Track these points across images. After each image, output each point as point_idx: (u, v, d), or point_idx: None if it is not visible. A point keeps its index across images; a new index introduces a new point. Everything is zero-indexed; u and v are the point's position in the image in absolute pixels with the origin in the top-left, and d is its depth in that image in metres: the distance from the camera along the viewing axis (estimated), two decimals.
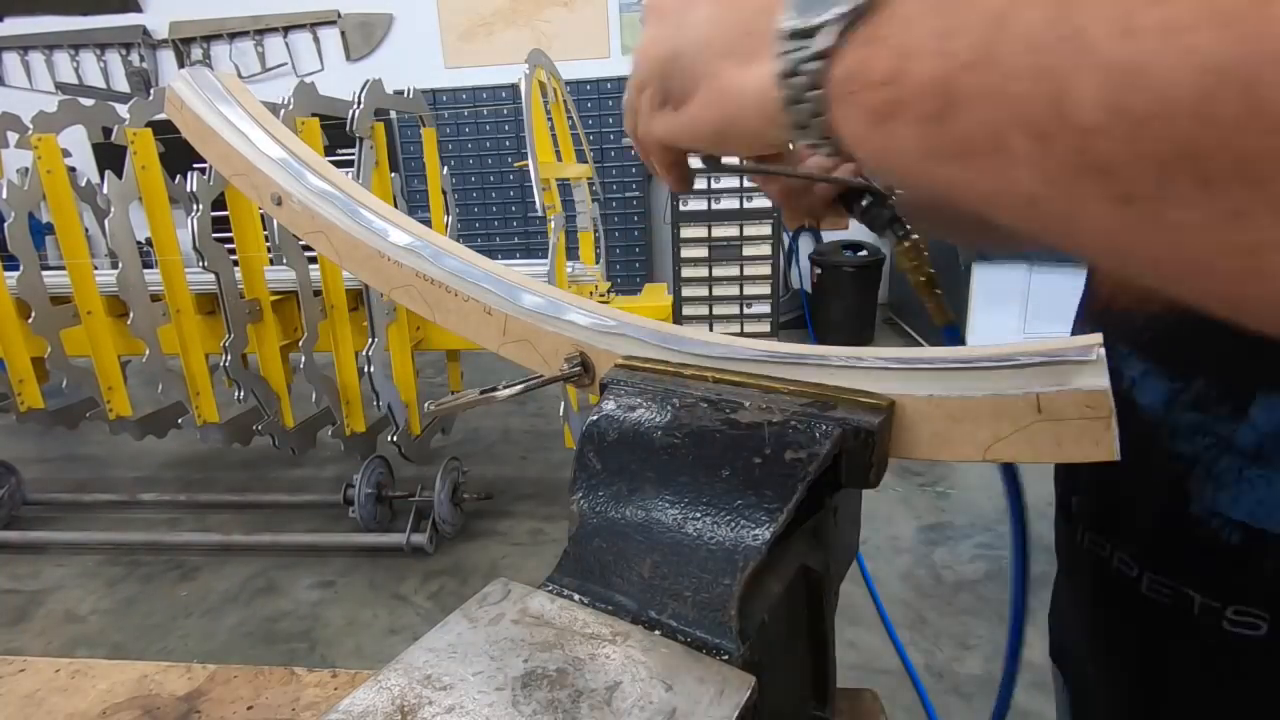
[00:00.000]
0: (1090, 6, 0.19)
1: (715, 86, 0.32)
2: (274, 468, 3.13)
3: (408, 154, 4.95)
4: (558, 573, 0.40)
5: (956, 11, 0.23)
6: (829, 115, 0.27)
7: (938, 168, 0.24)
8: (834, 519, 0.44)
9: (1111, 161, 0.19)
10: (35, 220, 2.46)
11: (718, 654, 0.34)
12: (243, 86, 0.63)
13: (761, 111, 0.30)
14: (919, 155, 0.25)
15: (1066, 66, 0.19)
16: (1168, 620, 0.42)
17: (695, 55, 0.32)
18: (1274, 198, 0.16)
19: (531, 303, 0.52)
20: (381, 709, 0.31)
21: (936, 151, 0.24)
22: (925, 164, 0.25)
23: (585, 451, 0.43)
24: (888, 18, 0.25)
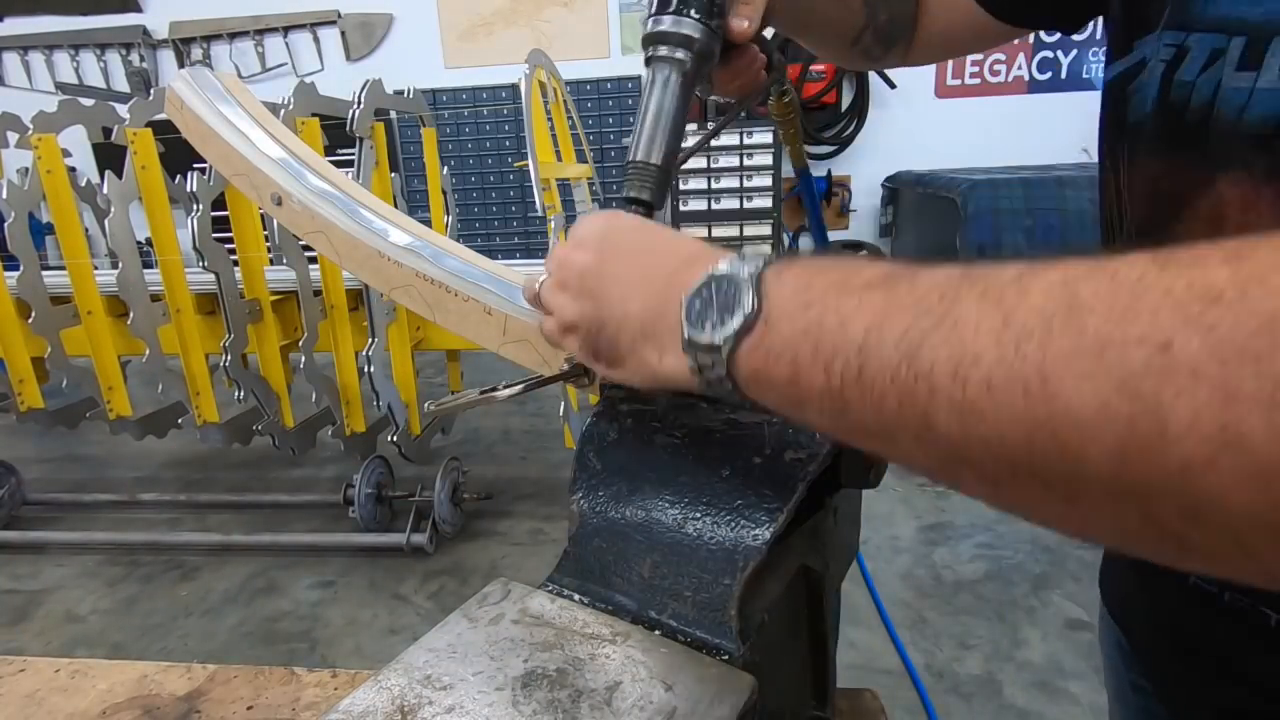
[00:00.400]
0: (929, 353, 0.25)
1: (641, 366, 0.38)
2: (274, 468, 3.13)
3: (408, 154, 4.95)
4: (558, 573, 0.40)
5: (826, 336, 0.29)
6: (747, 393, 0.33)
7: (849, 439, 0.30)
8: (834, 519, 0.44)
9: (975, 462, 0.25)
10: (35, 220, 2.46)
11: (718, 654, 0.34)
12: (243, 87, 0.63)
13: (684, 382, 0.36)
14: (832, 432, 0.31)
15: (923, 399, 0.25)
16: (1244, 627, 0.45)
17: (618, 334, 0.39)
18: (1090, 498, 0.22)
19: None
20: (381, 709, 0.31)
21: (844, 430, 0.30)
22: (838, 436, 0.31)
23: (585, 451, 0.43)
24: (772, 332, 0.31)
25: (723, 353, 0.32)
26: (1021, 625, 1.95)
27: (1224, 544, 0.20)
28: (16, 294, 2.33)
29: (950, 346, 0.25)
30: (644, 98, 0.51)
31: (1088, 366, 0.21)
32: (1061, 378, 0.22)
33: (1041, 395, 0.22)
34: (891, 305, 0.27)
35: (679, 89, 0.50)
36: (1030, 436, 0.23)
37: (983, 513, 2.54)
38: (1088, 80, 4.52)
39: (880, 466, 0.41)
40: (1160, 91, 0.42)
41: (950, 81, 4.66)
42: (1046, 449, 0.22)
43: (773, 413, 0.35)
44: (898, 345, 0.26)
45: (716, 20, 0.50)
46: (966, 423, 0.24)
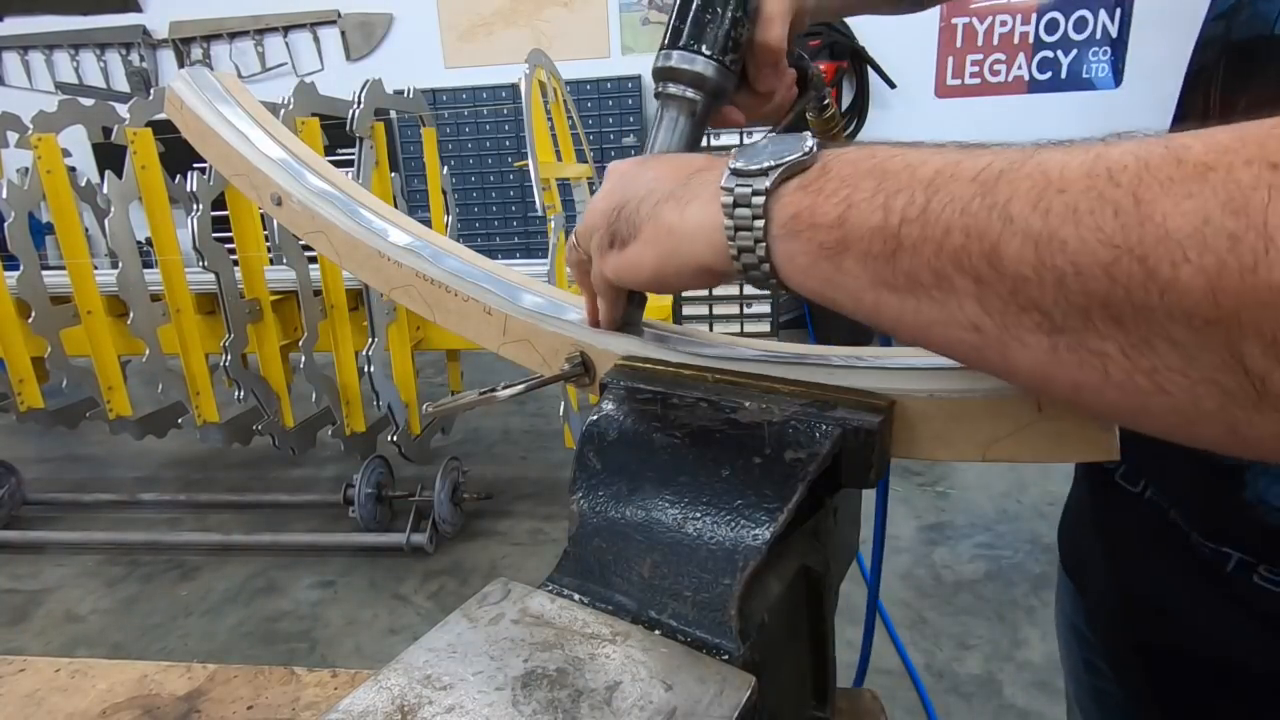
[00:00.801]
0: (1007, 186, 0.24)
1: (657, 225, 0.36)
2: (274, 468, 3.13)
3: (408, 154, 4.95)
4: (558, 572, 0.40)
5: (890, 176, 0.27)
6: (773, 247, 0.31)
7: (886, 296, 0.28)
8: (834, 519, 0.44)
9: (1041, 302, 0.24)
10: (35, 220, 2.46)
11: (718, 654, 0.34)
12: (242, 87, 0.63)
13: (704, 241, 0.33)
14: (868, 285, 0.29)
15: (996, 229, 0.24)
16: (1205, 567, 0.47)
17: (639, 203, 0.37)
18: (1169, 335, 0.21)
19: (531, 303, 0.52)
20: (381, 709, 0.31)
21: (885, 283, 0.28)
22: (873, 293, 0.29)
23: (585, 451, 0.43)
24: (826, 174, 0.29)
25: (770, 178, 0.30)
26: (1021, 625, 1.95)
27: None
28: (16, 294, 2.33)
29: (1033, 179, 0.23)
30: (652, 135, 0.49)
31: (1190, 187, 0.20)
32: (1158, 199, 0.21)
33: (1135, 216, 0.21)
34: (968, 156, 0.26)
35: (688, 130, 0.48)
36: (1114, 263, 0.21)
37: (983, 512, 2.54)
38: (1088, 80, 4.52)
39: (880, 466, 0.41)
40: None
41: (950, 81, 4.66)
42: (1131, 275, 0.21)
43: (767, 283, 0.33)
44: (975, 178, 0.25)
45: (731, 55, 0.46)
46: (1042, 254, 0.23)
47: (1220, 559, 0.46)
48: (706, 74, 0.46)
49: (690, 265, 0.36)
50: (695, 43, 0.46)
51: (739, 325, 4.58)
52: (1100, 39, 4.44)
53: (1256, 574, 0.44)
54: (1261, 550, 0.44)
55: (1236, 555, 0.45)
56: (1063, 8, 4.42)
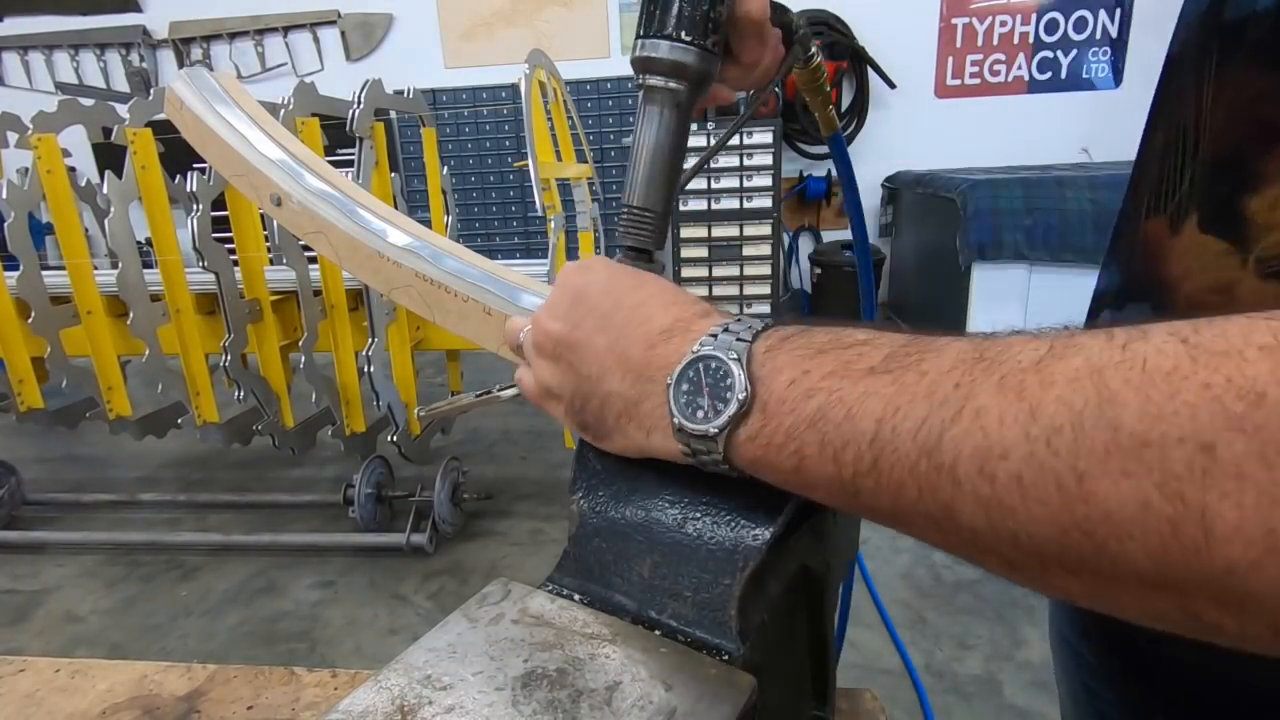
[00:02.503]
0: (951, 446, 0.24)
1: (629, 443, 0.37)
2: (274, 468, 3.13)
3: (408, 154, 4.95)
4: (558, 573, 0.40)
5: (832, 427, 0.28)
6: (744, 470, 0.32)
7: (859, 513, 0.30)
8: (834, 519, 0.44)
9: (999, 550, 0.24)
10: (35, 220, 2.46)
11: (718, 654, 0.34)
12: (241, 87, 0.63)
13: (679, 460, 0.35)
14: (838, 507, 0.31)
15: (947, 491, 0.24)
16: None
17: (603, 410, 0.37)
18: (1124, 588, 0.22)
19: (531, 303, 0.52)
20: (381, 709, 0.31)
21: (854, 512, 0.30)
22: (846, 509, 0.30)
23: (585, 451, 0.43)
24: (769, 421, 0.30)
25: (719, 443, 0.31)
26: (1021, 625, 1.95)
27: (1262, 631, 0.20)
28: (16, 294, 2.33)
29: (974, 440, 0.24)
30: (636, 131, 0.46)
31: (1126, 465, 0.20)
32: (1098, 477, 0.21)
33: (1078, 494, 0.21)
34: (902, 394, 0.26)
35: (674, 122, 0.45)
36: (1064, 533, 0.22)
37: None
38: (1088, 80, 4.53)
39: None
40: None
41: (950, 81, 4.66)
42: (1081, 545, 0.22)
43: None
44: (915, 437, 0.25)
45: (713, 37, 0.43)
46: (994, 517, 0.24)
47: None
48: (687, 62, 0.43)
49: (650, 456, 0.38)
50: (673, 29, 0.43)
51: None
52: (1100, 39, 4.44)
53: None
54: None
55: None
56: (1063, 8, 4.42)
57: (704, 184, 4.43)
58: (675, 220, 4.55)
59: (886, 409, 0.26)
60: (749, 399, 0.30)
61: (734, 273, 4.48)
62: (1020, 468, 0.23)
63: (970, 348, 0.26)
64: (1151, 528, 0.20)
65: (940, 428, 0.25)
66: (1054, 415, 0.22)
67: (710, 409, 0.31)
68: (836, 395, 0.28)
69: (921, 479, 0.25)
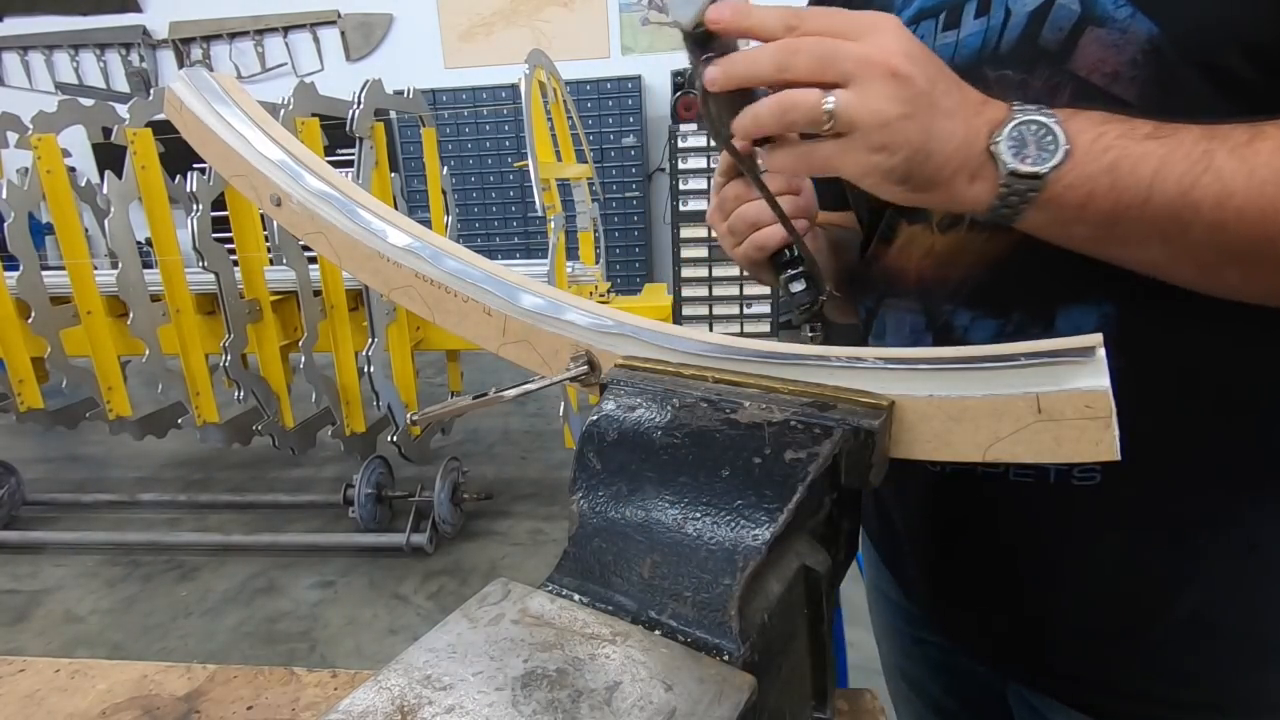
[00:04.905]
0: (1199, 190, 0.38)
1: (948, 192, 0.42)
2: (274, 468, 3.13)
3: (408, 154, 4.95)
4: (558, 573, 0.40)
5: (1120, 175, 0.39)
6: (1025, 214, 0.42)
7: (1096, 245, 0.42)
8: (834, 518, 0.44)
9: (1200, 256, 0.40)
10: (35, 220, 2.46)
11: (718, 654, 0.34)
12: (240, 88, 0.63)
13: (975, 205, 0.43)
14: (1084, 238, 0.42)
15: (1188, 216, 0.39)
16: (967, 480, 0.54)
17: (943, 164, 0.42)
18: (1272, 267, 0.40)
19: (531, 303, 0.52)
20: (381, 709, 0.31)
21: (1098, 239, 0.42)
22: (1086, 242, 0.43)
23: (585, 451, 0.43)
24: (1075, 171, 0.40)
25: (1044, 180, 0.40)
26: None
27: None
28: (16, 294, 2.33)
29: (1215, 185, 0.38)
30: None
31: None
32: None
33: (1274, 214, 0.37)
34: (1170, 155, 0.39)
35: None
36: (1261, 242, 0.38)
37: None
38: None
39: (880, 466, 0.41)
40: None
41: None
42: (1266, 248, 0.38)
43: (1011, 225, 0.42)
44: (1178, 183, 0.38)
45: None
46: (1214, 234, 0.39)
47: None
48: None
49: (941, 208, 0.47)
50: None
51: (739, 325, 4.58)
52: None
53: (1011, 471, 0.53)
54: None
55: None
56: None
57: (704, 184, 4.44)
58: (675, 220, 4.55)
59: (1159, 164, 0.39)
60: (1069, 152, 0.40)
61: (734, 273, 4.48)
62: (1241, 202, 0.38)
63: (1203, 129, 0.39)
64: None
65: (1195, 177, 0.38)
66: (1264, 171, 0.37)
67: (1036, 158, 0.40)
68: (1125, 153, 0.39)
69: (1175, 212, 0.39)
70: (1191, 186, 0.38)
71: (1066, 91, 0.46)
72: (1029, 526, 0.53)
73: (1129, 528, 0.50)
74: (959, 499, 0.56)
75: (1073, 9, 0.45)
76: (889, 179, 0.41)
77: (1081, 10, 0.45)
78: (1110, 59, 0.44)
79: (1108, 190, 0.39)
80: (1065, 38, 0.45)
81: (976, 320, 0.52)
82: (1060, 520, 0.51)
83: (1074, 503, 0.50)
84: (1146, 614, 0.50)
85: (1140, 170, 0.39)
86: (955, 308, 0.53)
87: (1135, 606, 0.50)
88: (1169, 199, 0.38)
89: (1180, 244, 0.40)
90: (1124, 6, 0.43)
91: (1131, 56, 0.43)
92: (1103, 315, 0.47)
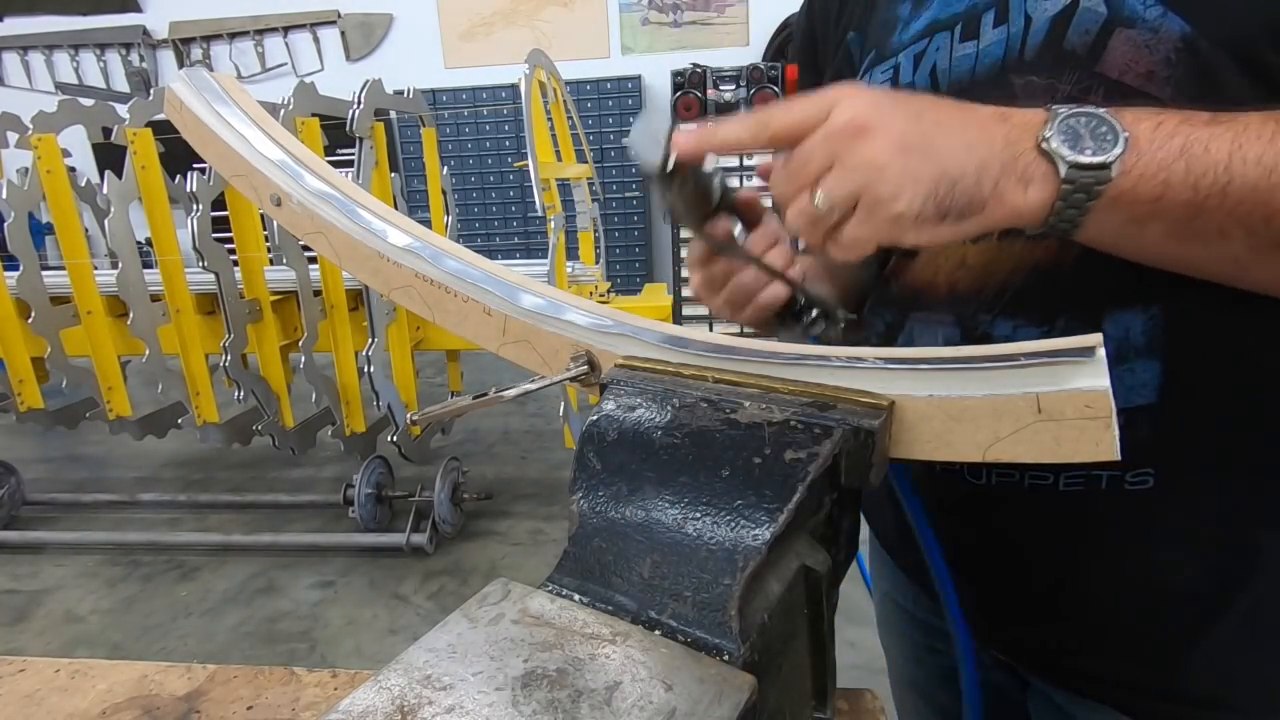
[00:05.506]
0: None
1: (1002, 204, 0.39)
2: (274, 468, 3.13)
3: (408, 154, 4.95)
4: (558, 573, 0.40)
5: (1194, 159, 0.37)
6: (1091, 216, 0.39)
7: (1172, 246, 0.40)
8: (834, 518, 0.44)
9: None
10: (35, 220, 2.46)
11: (718, 654, 0.34)
12: (240, 88, 0.63)
13: (1036, 214, 0.39)
14: (1160, 238, 0.39)
15: (1274, 202, 0.36)
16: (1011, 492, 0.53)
17: (979, 180, 0.39)
18: None
19: (531, 303, 0.52)
20: (381, 709, 0.31)
21: (1176, 237, 0.39)
22: (1163, 243, 0.40)
23: (585, 451, 0.43)
24: (1141, 157, 0.37)
25: (1113, 170, 0.37)
26: None
27: None
28: (16, 294, 2.33)
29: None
30: None
31: None
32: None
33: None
34: (1239, 137, 0.37)
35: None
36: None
37: None
38: None
39: (880, 466, 0.41)
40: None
41: None
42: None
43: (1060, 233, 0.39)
44: (1260, 162, 0.36)
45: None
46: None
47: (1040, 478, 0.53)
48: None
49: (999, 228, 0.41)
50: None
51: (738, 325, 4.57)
52: None
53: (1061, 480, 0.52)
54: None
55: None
56: None
57: None
58: (676, 220, 4.54)
59: (1233, 145, 0.36)
60: (1130, 137, 0.37)
61: None
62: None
63: (1265, 113, 0.37)
64: None
65: (1274, 155, 0.36)
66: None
67: (1096, 148, 0.37)
68: (1194, 137, 0.37)
69: (1260, 195, 0.36)
70: (1275, 166, 0.36)
71: (1099, 94, 0.44)
72: (1082, 534, 0.52)
73: (1186, 529, 0.49)
74: (1005, 510, 0.55)
75: (1099, 11, 0.44)
76: (928, 222, 0.39)
77: (1109, 12, 0.44)
78: (1143, 59, 0.43)
79: (1183, 177, 0.37)
80: (1093, 40, 0.44)
81: (1019, 330, 0.50)
82: (1117, 526, 0.50)
83: (1130, 508, 0.49)
84: (1205, 615, 0.49)
85: (1214, 152, 0.36)
86: (994, 317, 0.51)
87: (1195, 608, 0.49)
88: (1251, 182, 0.36)
89: (1265, 234, 0.37)
90: (1154, 6, 0.42)
91: (1165, 55, 0.42)
92: (1151, 318, 0.45)
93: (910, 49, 0.53)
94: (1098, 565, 0.52)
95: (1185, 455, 0.48)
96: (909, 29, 0.54)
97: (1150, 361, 0.46)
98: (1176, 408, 0.46)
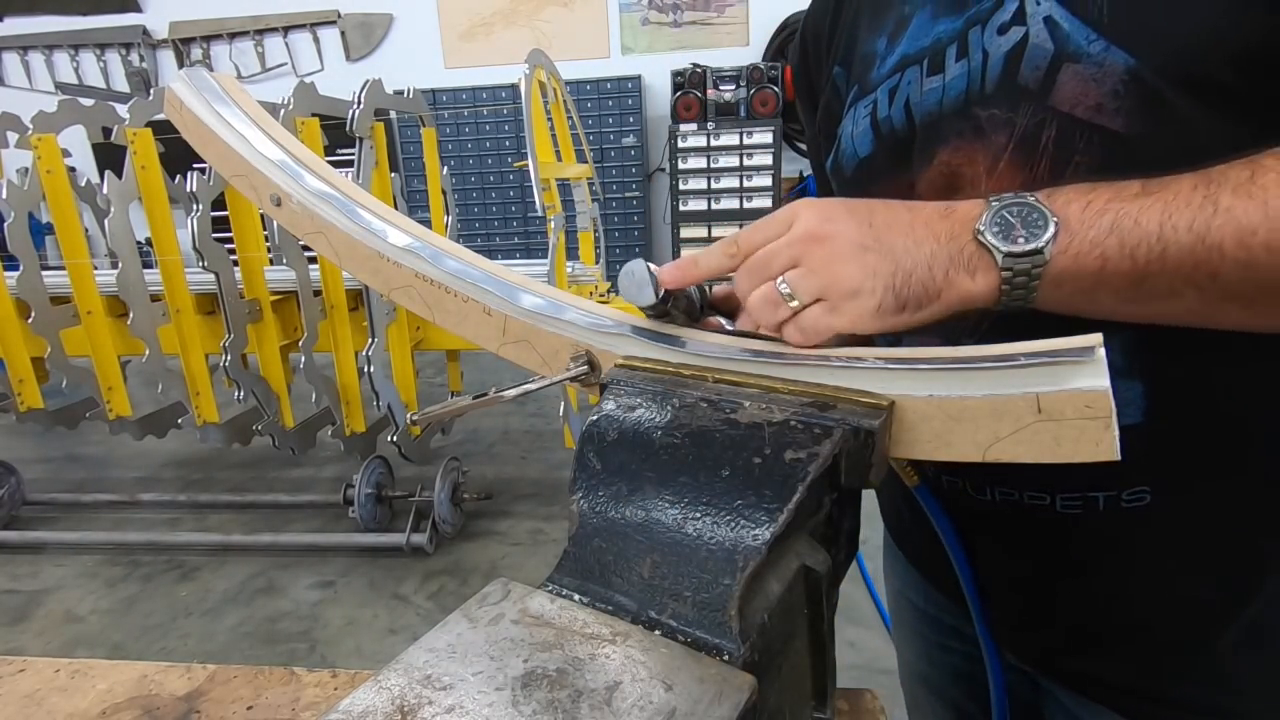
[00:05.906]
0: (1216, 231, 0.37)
1: (954, 293, 0.42)
2: (274, 468, 3.13)
3: (408, 154, 4.95)
4: (558, 573, 0.40)
5: (1127, 233, 0.38)
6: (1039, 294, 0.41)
7: (1128, 307, 0.41)
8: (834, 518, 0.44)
9: (1243, 294, 0.38)
10: (35, 220, 2.46)
11: (718, 654, 0.34)
12: (240, 88, 0.63)
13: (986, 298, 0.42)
14: (1115, 303, 0.41)
15: (1215, 262, 0.37)
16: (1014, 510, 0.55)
17: (930, 273, 0.42)
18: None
19: (531, 303, 0.52)
20: (381, 709, 0.31)
21: (1129, 300, 0.40)
22: (1117, 306, 0.41)
23: (585, 451, 0.43)
24: (1078, 239, 0.39)
25: (1046, 253, 0.39)
26: None
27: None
28: (16, 294, 2.33)
29: (1231, 225, 0.37)
30: None
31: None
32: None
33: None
34: (1169, 206, 0.38)
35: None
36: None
37: None
38: None
39: (880, 466, 0.41)
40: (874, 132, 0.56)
41: None
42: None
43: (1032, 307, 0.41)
44: (1191, 229, 0.37)
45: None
46: (1248, 272, 0.37)
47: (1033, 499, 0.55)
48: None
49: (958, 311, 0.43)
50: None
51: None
52: None
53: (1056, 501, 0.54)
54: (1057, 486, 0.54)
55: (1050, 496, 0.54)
56: None
57: (704, 184, 4.44)
58: (675, 220, 4.55)
59: (1163, 215, 0.38)
60: (1060, 221, 0.39)
61: None
62: (1267, 238, 0.36)
63: (1196, 176, 0.38)
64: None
65: (1206, 221, 0.37)
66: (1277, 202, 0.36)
67: (1028, 235, 0.40)
68: (1123, 211, 0.39)
69: (1198, 258, 0.37)
70: (1205, 230, 0.37)
71: (1052, 128, 0.46)
72: (1084, 551, 0.53)
73: (1188, 541, 0.50)
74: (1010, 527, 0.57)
75: (1046, 48, 0.46)
76: (889, 312, 0.42)
77: (1055, 48, 0.45)
78: (1092, 92, 0.44)
79: (1118, 249, 0.38)
80: (1044, 75, 0.46)
81: None
82: (1118, 542, 0.52)
83: (1130, 524, 0.50)
84: (1209, 623, 0.50)
85: (1145, 224, 0.38)
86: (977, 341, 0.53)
87: (1199, 617, 0.51)
88: (1185, 246, 0.37)
89: (1214, 289, 0.38)
90: (1097, 41, 0.44)
91: (1113, 88, 0.44)
92: (1127, 340, 0.47)
93: (886, 84, 0.56)
94: (1100, 579, 0.53)
95: (1180, 470, 0.49)
96: (885, 64, 0.56)
97: (1131, 381, 0.48)
98: (1164, 425, 0.48)
